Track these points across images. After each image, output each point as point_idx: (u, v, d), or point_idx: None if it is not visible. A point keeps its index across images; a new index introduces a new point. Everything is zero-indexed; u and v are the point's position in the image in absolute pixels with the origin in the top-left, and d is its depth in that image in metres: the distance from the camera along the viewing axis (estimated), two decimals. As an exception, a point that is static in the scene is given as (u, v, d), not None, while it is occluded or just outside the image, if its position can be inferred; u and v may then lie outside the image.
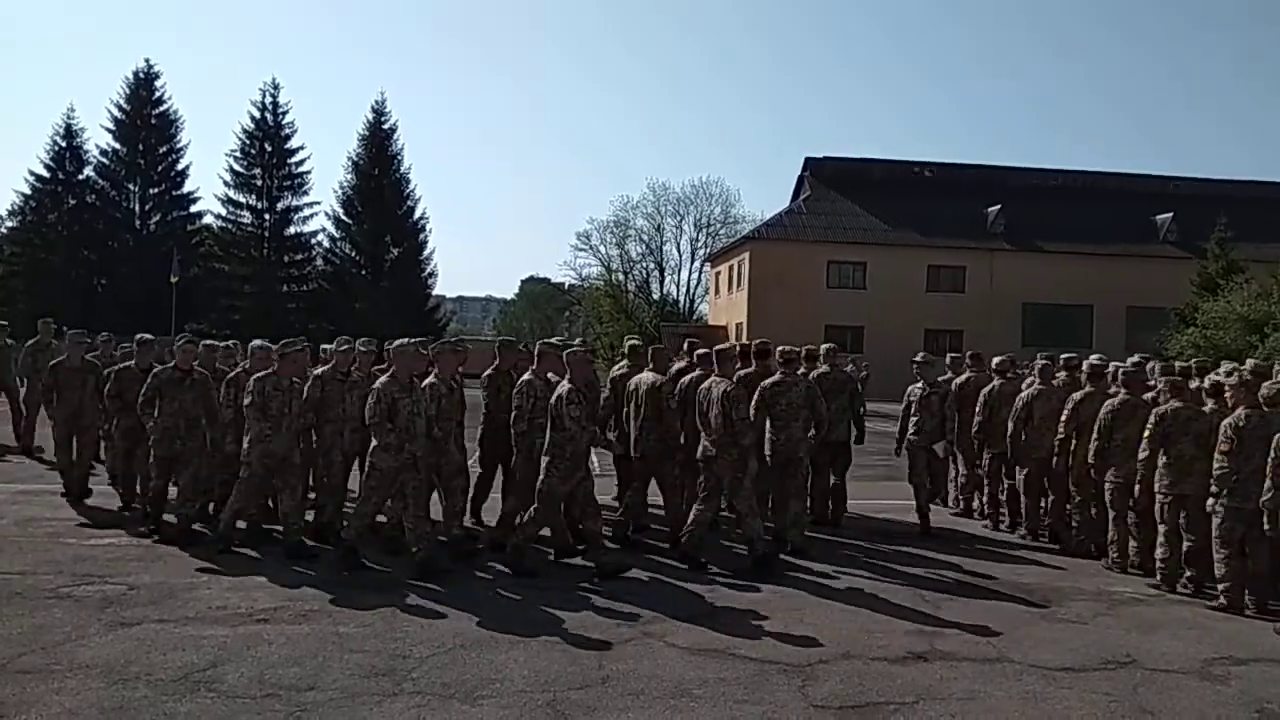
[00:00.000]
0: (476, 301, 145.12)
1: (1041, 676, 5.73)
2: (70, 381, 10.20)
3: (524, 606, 6.67)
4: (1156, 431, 7.79)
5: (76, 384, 10.20)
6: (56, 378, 10.22)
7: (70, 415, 10.16)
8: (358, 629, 6.10)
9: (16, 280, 45.15)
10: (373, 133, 51.08)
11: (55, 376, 10.22)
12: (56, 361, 10.43)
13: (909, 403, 10.39)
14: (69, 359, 10.39)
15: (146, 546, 8.08)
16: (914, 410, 10.28)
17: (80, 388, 10.19)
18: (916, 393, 10.35)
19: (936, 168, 45.50)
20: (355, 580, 7.28)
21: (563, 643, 5.94)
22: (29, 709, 4.72)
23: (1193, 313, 30.40)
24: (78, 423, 10.17)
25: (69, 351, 10.46)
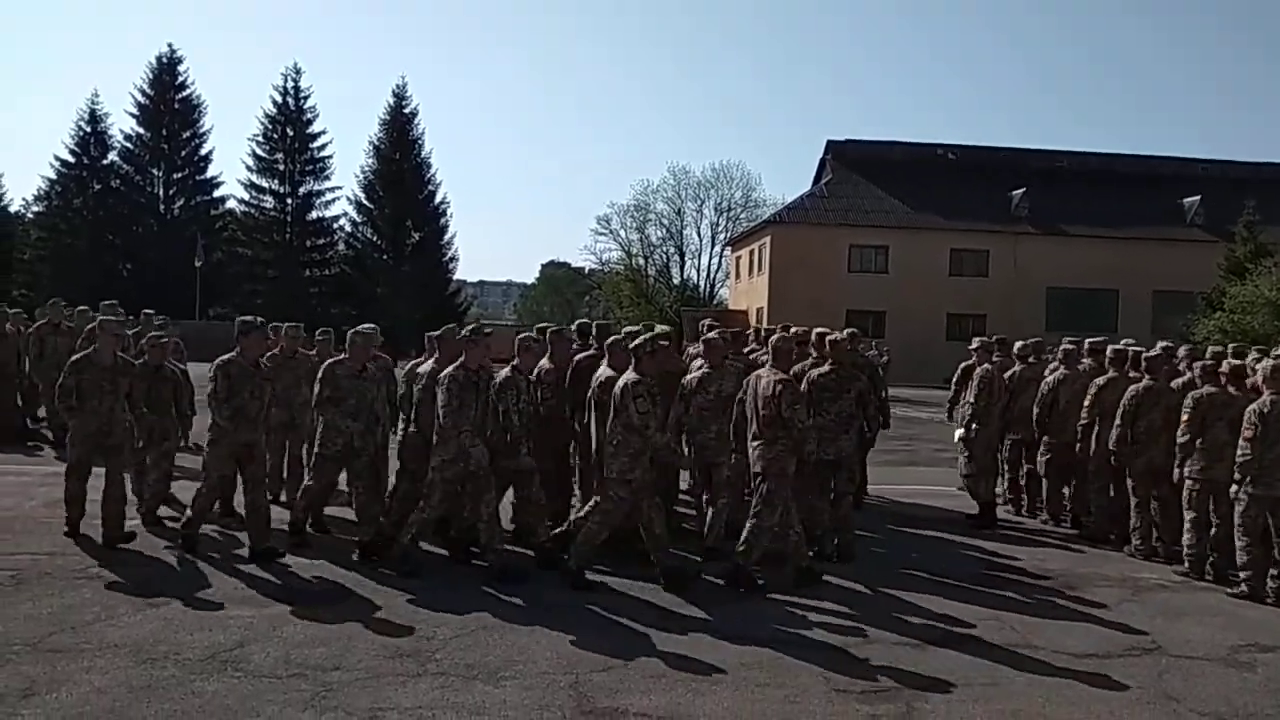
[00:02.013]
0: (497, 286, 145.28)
1: (1065, 663, 5.71)
2: (97, 385, 7.60)
3: (547, 591, 6.70)
4: (1195, 415, 7.70)
5: (106, 388, 7.62)
6: (80, 378, 7.54)
7: (95, 432, 7.61)
8: (382, 609, 6.14)
9: (42, 265, 45.63)
10: (394, 117, 51.16)
11: (79, 376, 7.55)
12: (80, 356, 7.75)
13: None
14: (99, 353, 7.75)
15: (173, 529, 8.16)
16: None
17: (111, 393, 7.65)
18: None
19: (960, 150, 45.09)
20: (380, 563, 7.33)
21: (585, 626, 5.96)
22: (59, 687, 4.79)
23: (1220, 297, 30.07)
24: (103, 443, 7.65)
25: (102, 342, 7.77)
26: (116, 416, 7.72)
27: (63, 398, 7.62)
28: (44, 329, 12.13)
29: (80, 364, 7.65)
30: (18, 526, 8.04)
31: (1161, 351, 8.97)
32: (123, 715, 4.52)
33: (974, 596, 7.06)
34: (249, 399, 7.41)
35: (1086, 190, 41.07)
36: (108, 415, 7.64)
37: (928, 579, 7.44)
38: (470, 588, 6.73)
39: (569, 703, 4.86)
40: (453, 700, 4.83)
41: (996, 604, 6.90)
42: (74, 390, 7.53)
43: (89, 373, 7.58)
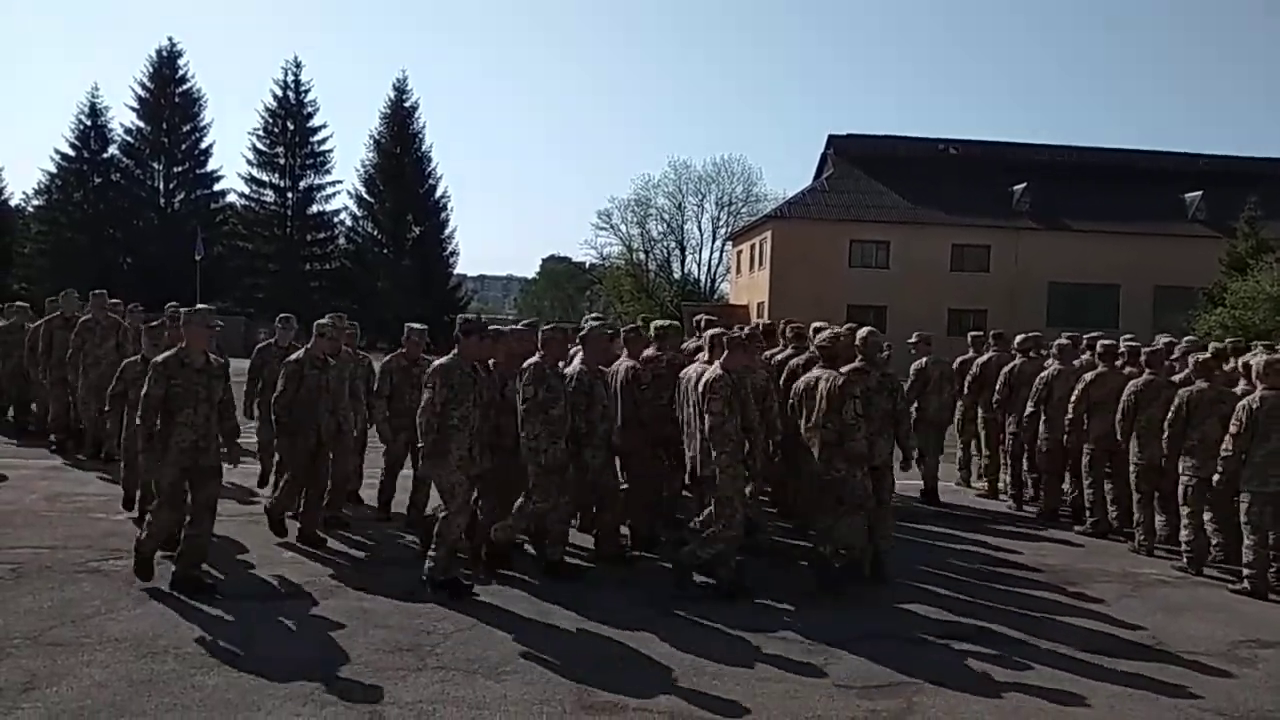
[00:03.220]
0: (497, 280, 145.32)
1: (1065, 658, 5.70)
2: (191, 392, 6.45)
3: (549, 588, 6.69)
4: (1179, 414, 7.73)
5: (201, 395, 6.48)
6: (170, 385, 6.28)
7: (190, 448, 6.41)
8: (383, 605, 6.14)
9: (42, 258, 45.63)
10: (394, 111, 51.15)
11: (168, 383, 6.26)
12: (168, 358, 6.37)
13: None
14: (190, 352, 6.64)
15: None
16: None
17: (206, 401, 6.52)
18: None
19: (961, 145, 44.97)
20: (379, 557, 7.34)
21: (588, 622, 5.96)
22: (59, 680, 4.80)
23: (1221, 292, 30.00)
24: (198, 462, 6.49)
25: (192, 339, 6.47)
26: (212, 430, 6.44)
27: (147, 414, 6.20)
28: (55, 323, 11.55)
29: (169, 367, 6.25)
30: (18, 520, 8.04)
31: (1162, 346, 8.96)
32: (123, 709, 4.51)
33: (974, 592, 7.06)
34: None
35: (1088, 185, 40.95)
36: (204, 428, 6.36)
37: (927, 574, 7.43)
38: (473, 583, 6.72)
39: (570, 698, 4.85)
40: (454, 695, 4.82)
41: (996, 599, 6.89)
42: (163, 401, 6.21)
43: (181, 377, 6.26)
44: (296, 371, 7.51)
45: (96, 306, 11.39)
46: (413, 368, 8.07)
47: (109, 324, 10.90)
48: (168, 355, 6.36)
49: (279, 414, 7.55)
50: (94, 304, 11.50)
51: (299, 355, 7.67)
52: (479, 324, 6.79)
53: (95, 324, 10.86)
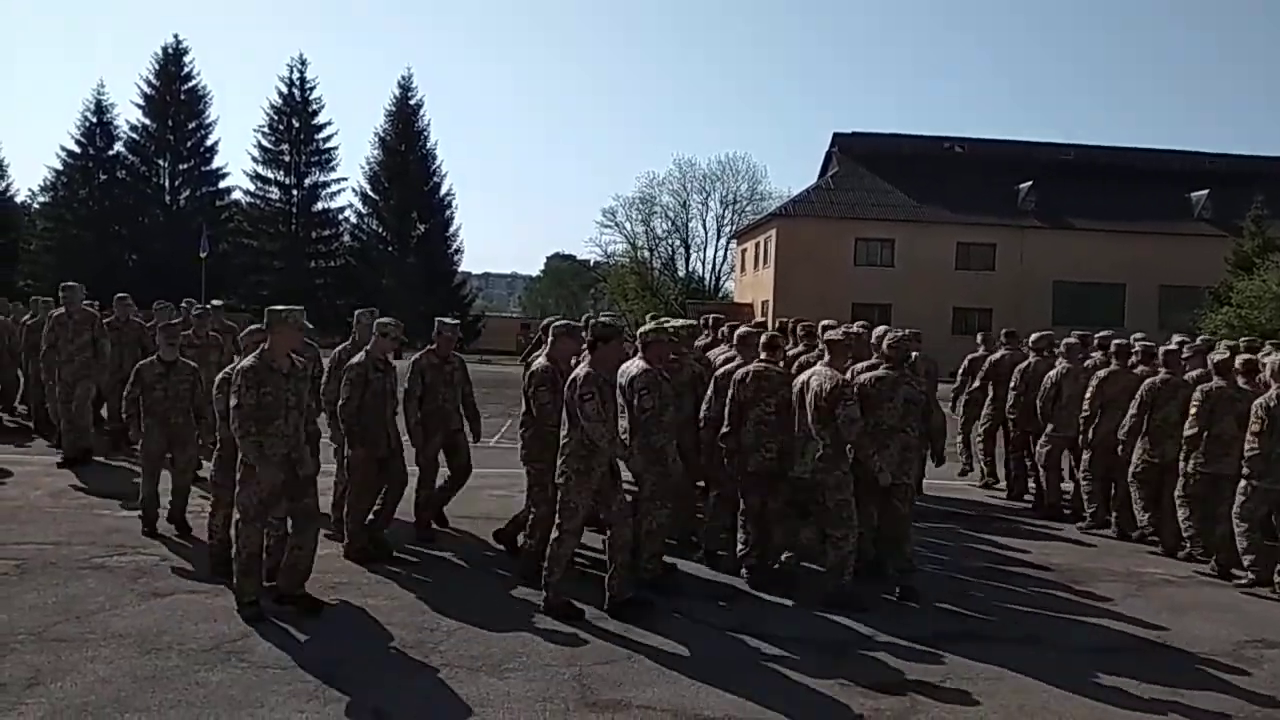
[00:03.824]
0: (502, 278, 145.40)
1: (1071, 657, 5.70)
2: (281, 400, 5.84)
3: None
4: (1203, 409, 7.70)
5: (291, 402, 5.90)
6: (261, 393, 5.79)
7: (284, 460, 5.80)
8: (386, 602, 6.14)
9: (48, 255, 45.63)
10: (399, 109, 51.03)
11: (259, 390, 5.72)
12: (255, 364, 5.80)
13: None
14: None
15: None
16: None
17: (295, 408, 5.92)
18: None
19: (967, 144, 44.90)
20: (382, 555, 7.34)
21: (590, 620, 5.95)
22: (64, 676, 4.80)
23: (1227, 292, 29.97)
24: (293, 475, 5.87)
25: (277, 341, 5.92)
26: (302, 438, 5.95)
27: (246, 426, 5.63)
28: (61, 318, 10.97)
29: (258, 374, 5.71)
30: (22, 516, 8.05)
31: (1177, 345, 8.96)
32: (127, 705, 4.52)
33: (979, 590, 7.05)
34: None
35: (1094, 184, 40.88)
36: (295, 438, 5.85)
37: (932, 572, 7.41)
38: (474, 581, 6.72)
39: (572, 695, 4.85)
40: (456, 692, 4.82)
41: (1001, 598, 6.88)
42: (255, 410, 5.67)
43: (270, 384, 5.75)
44: (361, 376, 7.01)
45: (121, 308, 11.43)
46: (444, 365, 7.69)
47: (83, 319, 10.50)
48: (254, 361, 5.77)
49: (348, 423, 7.06)
50: (118, 307, 11.53)
51: (361, 359, 7.14)
52: (617, 329, 6.38)
53: (68, 319, 10.47)
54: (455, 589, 6.49)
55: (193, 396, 7.75)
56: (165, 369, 7.70)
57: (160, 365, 7.71)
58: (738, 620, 6.05)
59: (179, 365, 7.78)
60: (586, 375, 5.94)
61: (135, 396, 7.65)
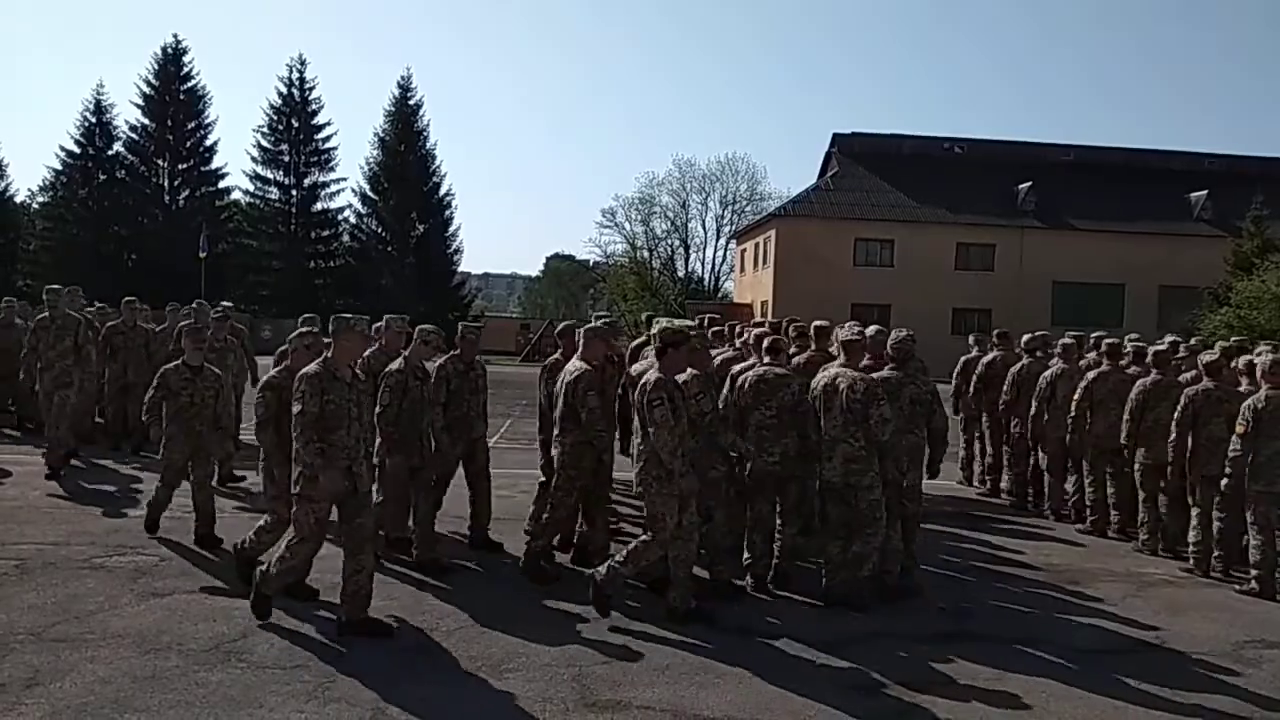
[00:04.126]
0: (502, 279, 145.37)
1: (1070, 658, 5.69)
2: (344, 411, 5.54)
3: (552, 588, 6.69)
4: (1185, 414, 7.72)
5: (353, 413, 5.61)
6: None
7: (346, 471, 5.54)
8: (386, 603, 6.13)
9: (47, 255, 45.63)
10: (399, 109, 51.03)
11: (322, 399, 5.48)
12: (319, 371, 5.55)
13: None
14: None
15: (178, 519, 8.15)
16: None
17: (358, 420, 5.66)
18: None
19: (967, 144, 44.95)
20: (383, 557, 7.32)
21: (589, 622, 5.95)
22: (63, 677, 4.80)
23: (1226, 292, 29.94)
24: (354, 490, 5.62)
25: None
26: (361, 453, 5.66)
27: (308, 433, 5.36)
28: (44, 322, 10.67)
29: (323, 381, 5.45)
30: (21, 516, 8.05)
31: (1169, 346, 8.95)
32: (126, 705, 4.52)
33: (978, 591, 7.05)
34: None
35: (1093, 184, 40.93)
36: (355, 450, 5.57)
37: (931, 573, 7.42)
38: (473, 582, 6.72)
39: (572, 695, 4.85)
40: (456, 692, 4.83)
41: (1000, 598, 6.88)
42: (319, 418, 5.42)
43: (334, 393, 5.47)
44: (400, 383, 6.89)
45: (129, 312, 11.46)
46: (469, 372, 7.38)
47: (66, 323, 10.19)
48: (318, 368, 5.51)
49: (386, 430, 6.88)
50: (125, 311, 11.57)
51: (399, 365, 6.99)
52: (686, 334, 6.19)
53: (50, 323, 10.20)
54: (455, 590, 6.48)
55: (216, 403, 7.48)
56: (192, 374, 7.39)
57: (186, 370, 7.40)
58: (737, 620, 6.05)
59: (205, 371, 7.47)
60: (657, 381, 5.84)
61: (158, 401, 7.32)
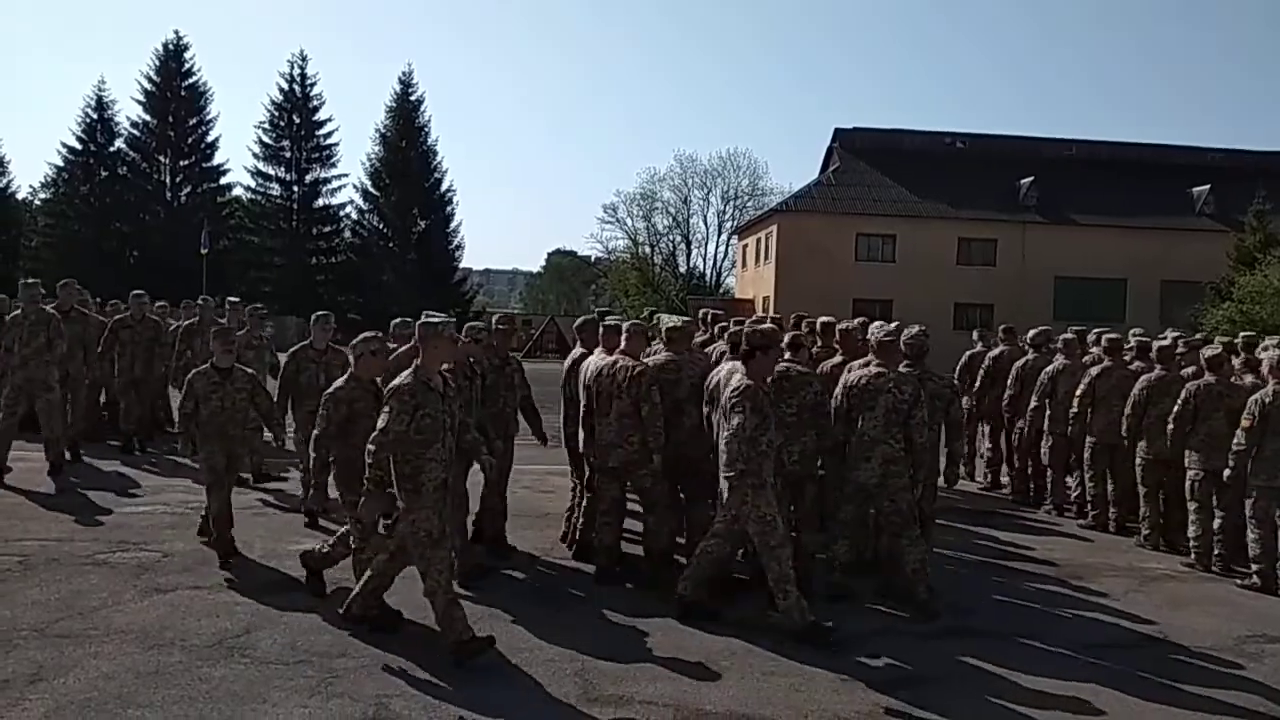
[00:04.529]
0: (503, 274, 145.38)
1: (1073, 652, 5.70)
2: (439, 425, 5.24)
3: (555, 585, 6.70)
4: (1185, 409, 7.72)
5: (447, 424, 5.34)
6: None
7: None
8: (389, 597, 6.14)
9: (49, 252, 45.67)
10: (400, 104, 51.03)
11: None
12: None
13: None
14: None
15: (180, 514, 8.18)
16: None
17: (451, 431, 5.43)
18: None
19: (968, 139, 44.84)
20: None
21: (592, 618, 5.96)
22: (67, 672, 4.81)
23: (1229, 287, 29.90)
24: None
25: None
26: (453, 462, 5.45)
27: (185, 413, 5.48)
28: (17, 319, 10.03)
29: (416, 395, 5.08)
30: (24, 512, 8.07)
31: (1171, 341, 8.95)
32: (130, 700, 4.53)
33: (980, 586, 7.05)
34: None
35: (1095, 179, 40.83)
36: (449, 460, 5.32)
37: (933, 569, 7.40)
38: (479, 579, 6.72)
39: (575, 690, 4.86)
40: (459, 688, 4.83)
41: (1003, 593, 6.89)
42: (412, 436, 5.07)
43: (429, 405, 5.14)
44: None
45: (136, 306, 11.34)
46: (505, 367, 7.16)
47: (39, 319, 9.60)
48: (410, 379, 5.12)
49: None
50: (133, 305, 11.41)
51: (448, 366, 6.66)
52: (774, 338, 5.99)
53: (24, 320, 9.61)
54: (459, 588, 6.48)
55: (253, 405, 7.14)
56: (220, 378, 6.92)
57: (215, 374, 6.92)
58: (741, 617, 6.05)
59: (235, 373, 7.02)
60: (746, 388, 5.66)
61: (190, 410, 6.81)
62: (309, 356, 8.09)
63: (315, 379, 7.79)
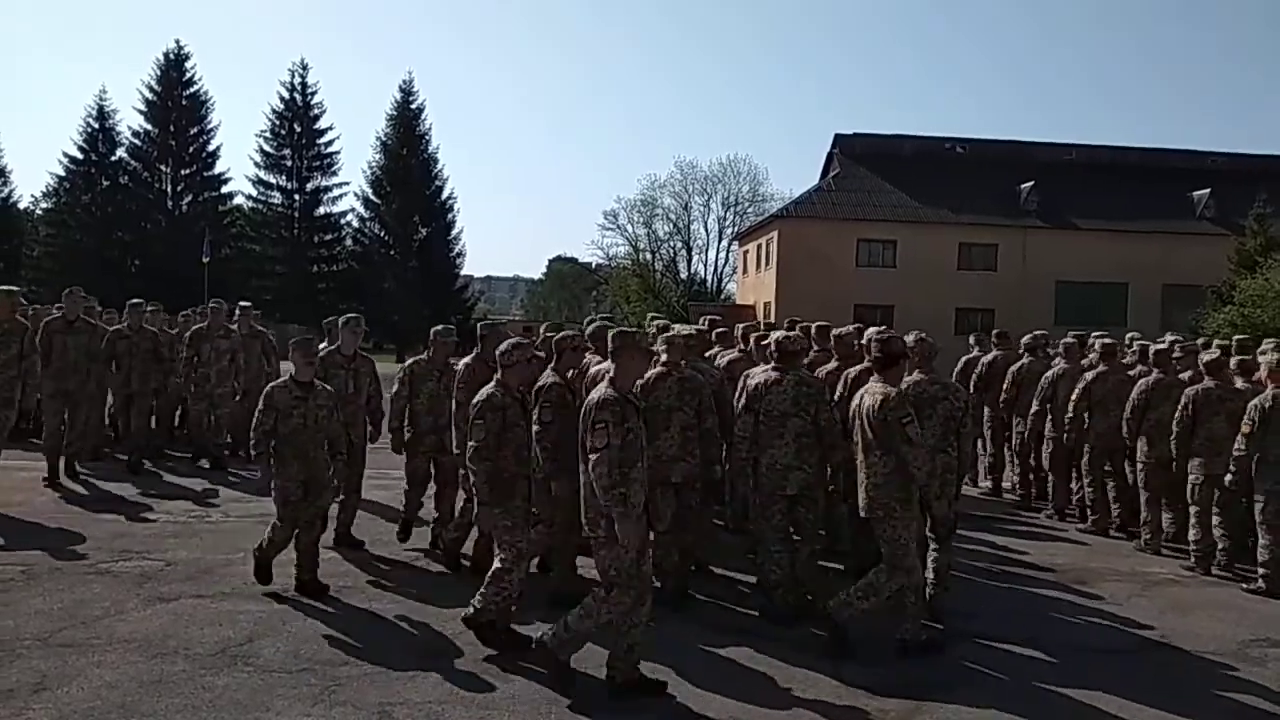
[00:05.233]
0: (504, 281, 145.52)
1: (1076, 658, 5.70)
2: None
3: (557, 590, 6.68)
4: (1185, 413, 7.72)
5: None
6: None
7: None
8: (391, 605, 6.16)
9: (51, 261, 45.77)
10: (401, 113, 51.12)
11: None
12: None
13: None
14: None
15: (183, 523, 8.19)
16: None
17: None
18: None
19: (968, 144, 44.88)
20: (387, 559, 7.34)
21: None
22: (70, 681, 4.81)
23: (1230, 290, 29.89)
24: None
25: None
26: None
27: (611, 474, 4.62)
28: (54, 325, 9.92)
29: (616, 409, 4.71)
30: (27, 522, 8.07)
31: (1168, 345, 8.97)
32: (133, 710, 4.53)
33: (982, 591, 7.05)
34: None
35: (1095, 183, 40.85)
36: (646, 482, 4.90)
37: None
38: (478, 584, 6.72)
39: (580, 697, 4.85)
40: (462, 695, 4.83)
41: (1006, 598, 6.88)
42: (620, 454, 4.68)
43: (631, 420, 4.77)
44: (560, 398, 5.97)
45: (133, 315, 10.93)
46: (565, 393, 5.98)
47: (14, 328, 9.00)
48: (610, 392, 4.78)
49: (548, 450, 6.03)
50: (130, 314, 11.01)
51: (553, 378, 6.05)
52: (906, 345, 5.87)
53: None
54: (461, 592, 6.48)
55: (330, 424, 6.51)
56: (303, 393, 6.35)
57: (296, 387, 6.36)
58: (738, 624, 6.05)
59: (317, 388, 6.46)
60: (900, 394, 5.47)
61: (269, 427, 6.25)
62: (336, 362, 7.63)
63: (344, 386, 7.46)
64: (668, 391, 6.28)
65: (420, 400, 7.41)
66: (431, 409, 7.35)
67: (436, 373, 7.44)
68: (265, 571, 6.37)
